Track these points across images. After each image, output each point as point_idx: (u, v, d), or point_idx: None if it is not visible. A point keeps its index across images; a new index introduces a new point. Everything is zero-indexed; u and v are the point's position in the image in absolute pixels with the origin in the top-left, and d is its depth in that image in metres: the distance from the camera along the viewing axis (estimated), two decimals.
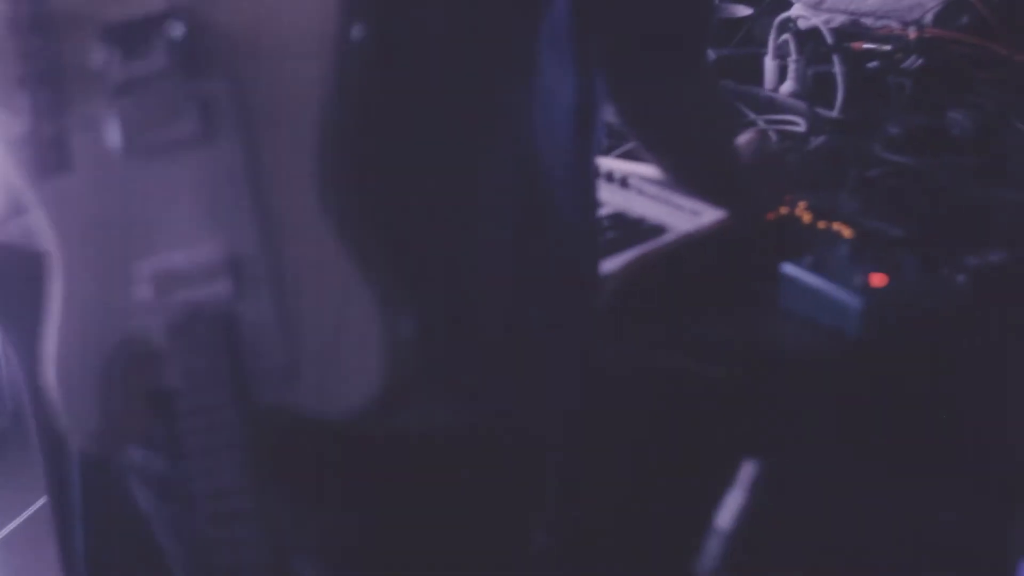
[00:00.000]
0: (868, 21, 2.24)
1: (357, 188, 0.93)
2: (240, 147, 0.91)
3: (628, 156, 1.64)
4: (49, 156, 0.97)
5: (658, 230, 1.47)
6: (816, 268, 1.35)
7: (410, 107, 1.00)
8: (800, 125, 1.87)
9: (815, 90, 1.95)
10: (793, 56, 1.97)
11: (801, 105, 1.91)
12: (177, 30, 0.89)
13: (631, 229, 1.48)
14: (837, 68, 1.92)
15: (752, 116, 1.92)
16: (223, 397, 0.93)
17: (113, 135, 0.93)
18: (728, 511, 1.12)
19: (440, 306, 1.00)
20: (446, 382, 1.04)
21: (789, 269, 1.37)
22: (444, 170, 1.03)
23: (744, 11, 2.33)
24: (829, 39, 1.98)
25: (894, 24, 2.21)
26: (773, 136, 1.85)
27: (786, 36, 2.00)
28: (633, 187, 1.56)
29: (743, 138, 1.40)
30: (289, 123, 0.91)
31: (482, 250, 1.06)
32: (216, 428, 0.94)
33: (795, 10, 2.12)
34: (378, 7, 0.92)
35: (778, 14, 2.05)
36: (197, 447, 0.94)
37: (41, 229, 0.99)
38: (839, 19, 2.25)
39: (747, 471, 1.16)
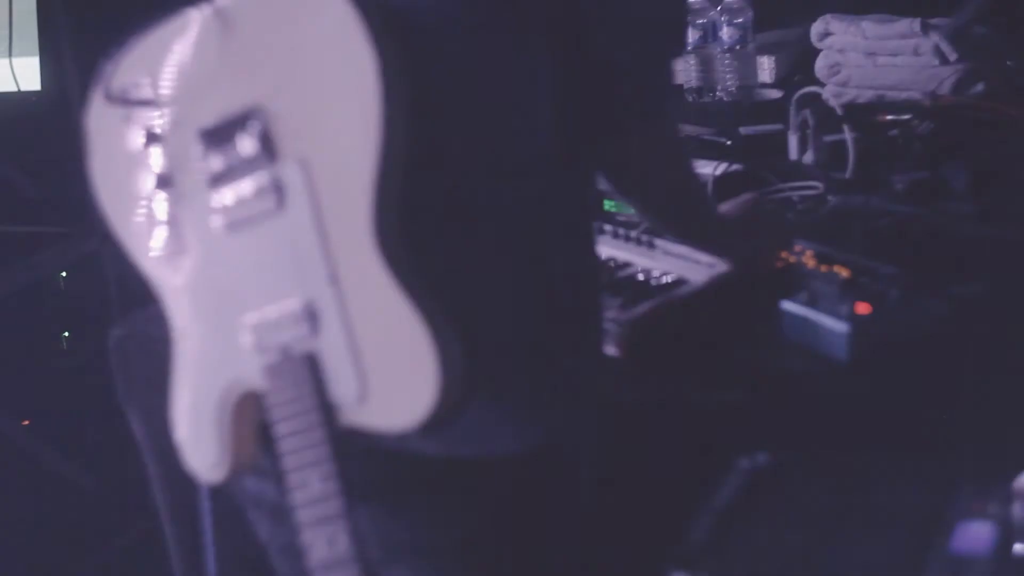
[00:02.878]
0: (892, 94, 2.47)
1: (404, 236, 1.15)
2: (308, 214, 1.16)
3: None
4: (171, 242, 1.23)
5: (679, 283, 1.71)
6: (810, 302, 1.57)
7: (443, 167, 1.25)
8: (818, 188, 2.10)
9: (834, 157, 2.18)
10: (810, 129, 2.20)
11: (817, 171, 2.14)
12: (255, 127, 1.16)
13: (654, 284, 1.72)
14: (847, 136, 2.15)
15: (776, 183, 2.15)
16: (312, 421, 1.16)
17: (214, 217, 1.20)
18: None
19: (475, 327, 1.18)
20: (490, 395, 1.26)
21: (787, 305, 1.59)
22: (468, 214, 1.28)
23: (775, 94, 2.58)
24: (839, 112, 2.22)
25: (917, 95, 2.44)
26: (795, 199, 2.08)
27: (805, 112, 2.24)
28: (658, 248, 1.80)
29: (738, 199, 1.63)
30: (346, 188, 1.15)
31: (500, 279, 1.31)
32: (307, 447, 1.16)
33: (825, 91, 2.36)
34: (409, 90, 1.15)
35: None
36: (293, 464, 1.16)
37: (166, 307, 1.24)
38: (866, 95, 2.49)
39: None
